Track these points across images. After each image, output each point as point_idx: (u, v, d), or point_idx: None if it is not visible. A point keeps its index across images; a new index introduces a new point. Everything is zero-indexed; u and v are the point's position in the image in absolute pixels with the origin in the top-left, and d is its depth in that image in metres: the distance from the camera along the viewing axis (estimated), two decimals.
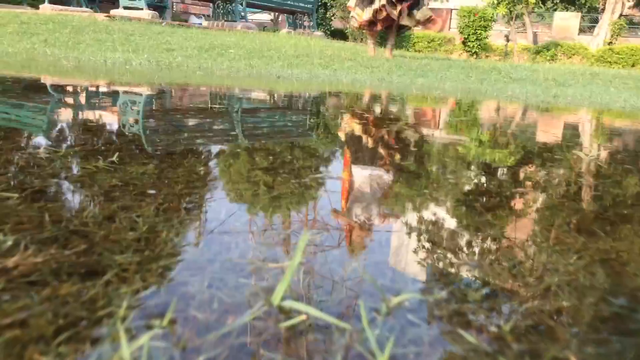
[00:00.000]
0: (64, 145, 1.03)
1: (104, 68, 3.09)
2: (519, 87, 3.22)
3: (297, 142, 1.19)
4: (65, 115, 1.48)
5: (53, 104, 1.62)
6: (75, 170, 0.85)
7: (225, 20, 9.81)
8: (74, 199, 0.70)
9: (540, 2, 16.48)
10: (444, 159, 1.07)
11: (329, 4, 17.16)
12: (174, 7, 18.24)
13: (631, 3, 21.20)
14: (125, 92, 1.93)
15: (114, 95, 1.99)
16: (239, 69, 3.44)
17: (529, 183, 0.89)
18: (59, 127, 1.27)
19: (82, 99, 1.82)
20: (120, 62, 3.30)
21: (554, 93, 2.63)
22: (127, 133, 1.20)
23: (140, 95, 1.86)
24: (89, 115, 1.47)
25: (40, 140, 1.07)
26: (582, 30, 20.27)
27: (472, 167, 1.04)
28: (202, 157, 1.00)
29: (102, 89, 2.16)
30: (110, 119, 1.43)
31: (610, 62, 15.15)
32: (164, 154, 0.98)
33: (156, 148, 1.04)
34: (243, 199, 0.79)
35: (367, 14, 5.61)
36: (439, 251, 0.63)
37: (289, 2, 11.27)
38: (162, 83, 2.19)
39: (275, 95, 2.22)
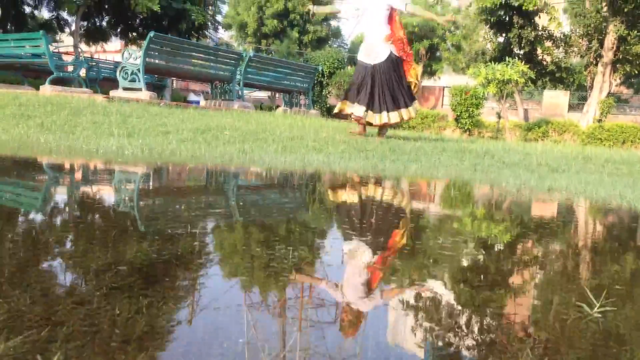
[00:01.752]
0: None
1: (95, 159, 3.09)
2: (513, 174, 3.20)
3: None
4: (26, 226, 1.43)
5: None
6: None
7: (223, 99, 10.00)
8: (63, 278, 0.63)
9: (529, 82, 16.97)
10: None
11: (324, 82, 17.63)
12: (174, 84, 18.66)
13: (618, 81, 21.83)
14: (96, 205, 1.89)
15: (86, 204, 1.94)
16: (231, 156, 3.44)
17: None
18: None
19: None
20: (112, 151, 3.29)
21: (548, 185, 2.61)
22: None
23: (107, 210, 1.82)
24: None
25: None
26: (571, 107, 20.79)
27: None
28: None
29: (81, 193, 2.12)
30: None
31: (600, 139, 15.42)
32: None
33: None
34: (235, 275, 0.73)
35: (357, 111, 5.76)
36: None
37: (285, 82, 11.56)
38: (145, 184, 2.16)
39: (260, 199, 2.19)
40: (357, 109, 5.68)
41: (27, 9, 16.12)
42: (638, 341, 0.87)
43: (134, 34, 17.61)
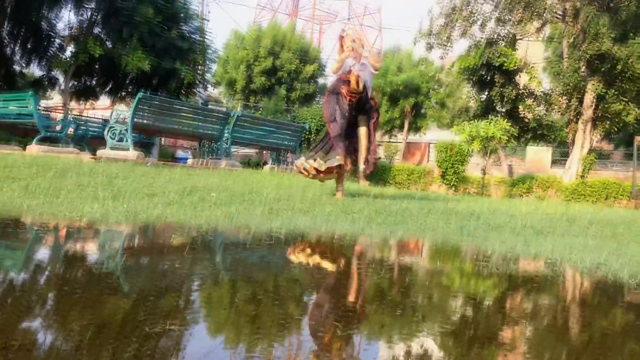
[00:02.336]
0: None
1: (76, 229, 3.06)
2: (499, 239, 3.21)
3: None
4: None
5: None
6: None
7: (211, 158, 10.06)
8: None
9: (512, 138, 17.32)
10: None
11: (312, 139, 17.86)
12: (162, 141, 18.78)
13: (599, 137, 22.37)
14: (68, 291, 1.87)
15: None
16: (217, 221, 3.43)
17: None
18: None
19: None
20: (96, 218, 3.27)
21: (534, 252, 2.62)
22: None
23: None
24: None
25: None
26: (554, 163, 21.17)
27: None
28: None
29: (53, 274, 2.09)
30: None
31: (584, 194, 15.62)
32: None
33: None
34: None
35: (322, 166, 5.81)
36: None
37: (272, 140, 11.69)
38: (122, 269, 2.14)
39: (240, 275, 2.17)
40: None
41: (17, 68, 16.32)
42: None
43: (124, 92, 17.83)
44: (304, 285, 2.04)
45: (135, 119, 8.49)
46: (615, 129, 18.06)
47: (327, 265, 2.48)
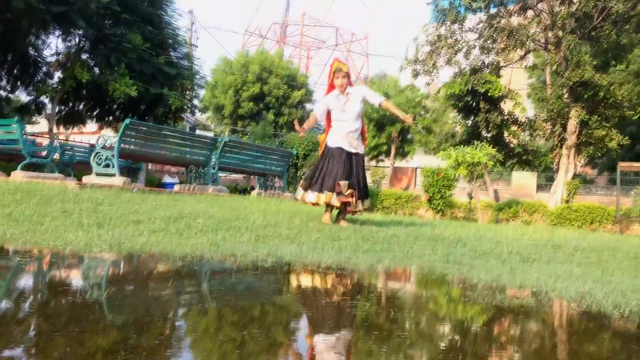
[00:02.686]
0: None
1: (60, 258, 3.02)
2: (485, 267, 3.22)
3: None
4: None
5: None
6: None
7: (198, 183, 10.03)
8: None
9: (497, 164, 17.48)
10: None
11: (299, 164, 17.88)
12: (149, 166, 18.70)
13: (583, 162, 22.68)
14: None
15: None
16: (203, 250, 3.40)
17: None
18: None
19: None
20: (80, 247, 3.23)
21: (519, 282, 2.62)
22: None
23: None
24: None
25: None
26: (540, 187, 21.37)
27: None
28: None
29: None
30: None
31: (569, 219, 15.75)
32: None
33: None
34: None
35: (313, 198, 5.84)
36: None
37: (259, 165, 11.70)
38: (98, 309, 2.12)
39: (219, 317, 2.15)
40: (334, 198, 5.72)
41: (3, 93, 16.26)
42: None
43: (111, 117, 17.80)
44: (287, 318, 2.02)
45: (122, 145, 8.46)
46: (599, 155, 18.33)
47: (311, 298, 2.46)
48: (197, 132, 30.95)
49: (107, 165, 8.45)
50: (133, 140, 8.89)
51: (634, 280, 3.06)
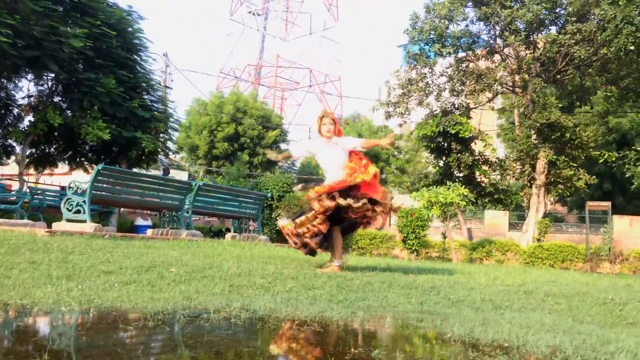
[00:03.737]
0: None
1: (26, 321, 2.95)
2: (458, 317, 3.25)
3: None
4: None
5: None
6: None
7: (171, 228, 9.92)
8: None
9: (470, 203, 17.74)
10: None
11: (274, 205, 17.84)
12: (121, 209, 18.42)
13: (553, 200, 23.14)
14: None
15: None
16: (175, 304, 3.36)
17: None
18: None
19: None
20: (48, 305, 3.16)
21: (491, 335, 2.65)
22: None
23: None
24: None
25: None
26: (512, 226, 21.68)
27: None
28: None
29: None
30: None
31: (541, 258, 15.96)
32: None
33: None
34: None
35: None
36: None
37: (234, 209, 11.66)
38: None
39: None
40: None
41: None
42: None
43: (83, 159, 17.62)
44: None
45: (93, 192, 8.36)
46: (567, 194, 18.75)
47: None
48: (171, 172, 30.76)
49: (78, 211, 8.32)
50: (105, 185, 8.80)
51: (603, 330, 3.11)
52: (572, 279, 7.87)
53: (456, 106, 19.40)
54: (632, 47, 14.88)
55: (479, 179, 20.16)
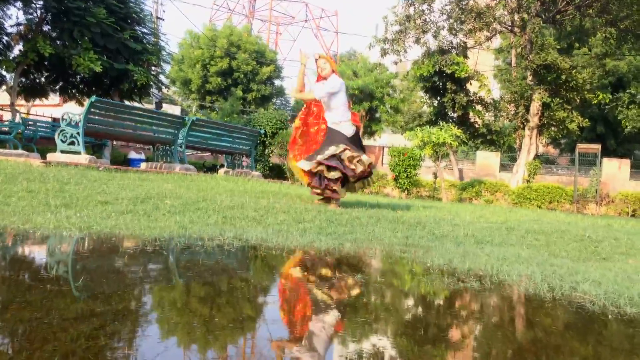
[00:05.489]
0: None
1: (33, 242, 3.09)
2: (439, 251, 3.42)
3: None
4: None
5: None
6: None
7: (165, 162, 10.01)
8: None
9: (462, 144, 17.86)
10: None
11: (267, 142, 17.89)
12: (115, 142, 18.42)
13: (545, 142, 23.28)
14: None
15: None
16: (171, 232, 3.51)
17: None
18: None
19: None
20: (50, 230, 3.30)
21: (468, 265, 2.83)
22: None
23: None
24: None
25: None
26: (503, 167, 21.91)
27: None
28: None
29: None
30: None
31: (529, 199, 16.25)
32: None
33: None
34: None
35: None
36: None
37: (227, 144, 11.71)
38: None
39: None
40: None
41: None
42: None
43: (74, 91, 17.44)
44: (251, 296, 2.17)
45: (87, 124, 8.39)
46: (560, 136, 18.86)
47: (269, 282, 2.62)
48: (164, 106, 30.50)
49: (72, 143, 8.37)
50: (98, 118, 8.82)
51: (575, 263, 3.30)
52: (555, 218, 8.12)
53: (453, 45, 19.16)
54: None
55: (472, 120, 20.20)
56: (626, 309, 2.18)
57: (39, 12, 14.96)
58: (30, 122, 13.74)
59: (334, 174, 5.98)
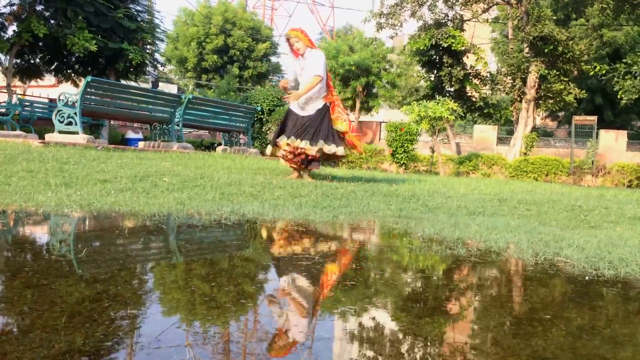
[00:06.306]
0: None
1: (36, 219, 3.17)
2: (431, 222, 3.51)
3: None
4: None
5: None
6: None
7: (162, 140, 10.06)
8: None
9: (459, 118, 17.87)
10: None
11: (264, 119, 17.89)
12: (112, 121, 18.43)
13: (543, 115, 23.23)
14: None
15: None
16: (169, 209, 3.59)
17: None
18: None
19: None
20: (51, 208, 3.39)
21: (457, 234, 2.92)
22: None
23: None
24: None
25: None
26: (500, 141, 21.95)
27: None
28: None
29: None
30: None
31: (526, 171, 16.33)
32: None
33: None
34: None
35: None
36: None
37: (224, 122, 11.75)
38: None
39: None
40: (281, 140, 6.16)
41: None
42: None
43: (70, 71, 17.39)
44: (249, 269, 2.26)
45: (84, 103, 8.42)
46: (557, 108, 18.87)
47: (267, 251, 2.71)
48: (160, 85, 30.38)
49: (70, 123, 8.42)
50: (95, 97, 8.85)
51: (562, 231, 3.40)
52: (550, 189, 8.22)
53: (450, 18, 19.04)
54: None
55: (469, 94, 20.18)
56: (604, 271, 2.28)
57: None
58: (27, 103, 13.74)
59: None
